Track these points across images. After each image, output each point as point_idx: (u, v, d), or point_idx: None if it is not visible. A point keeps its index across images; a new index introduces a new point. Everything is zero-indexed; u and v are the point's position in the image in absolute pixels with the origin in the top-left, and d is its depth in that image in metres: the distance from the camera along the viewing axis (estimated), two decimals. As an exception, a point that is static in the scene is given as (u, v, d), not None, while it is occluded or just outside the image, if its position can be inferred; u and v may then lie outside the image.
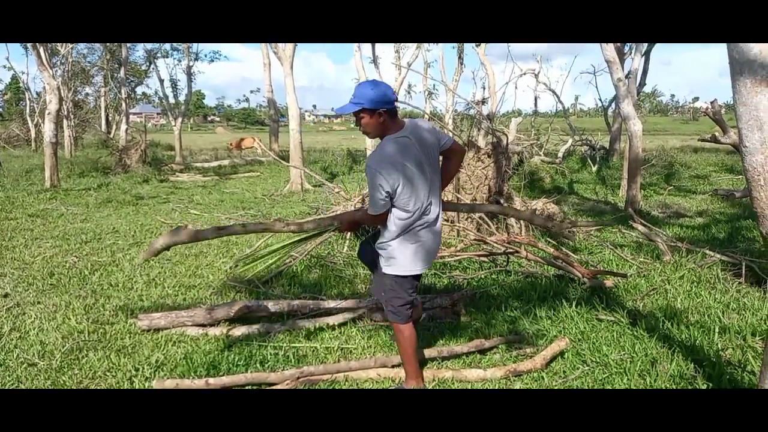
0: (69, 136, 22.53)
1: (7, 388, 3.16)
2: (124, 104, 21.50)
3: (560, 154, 16.10)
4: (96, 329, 4.03)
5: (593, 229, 7.08)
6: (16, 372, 3.34)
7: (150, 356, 3.56)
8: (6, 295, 4.78)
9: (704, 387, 2.91)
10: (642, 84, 16.42)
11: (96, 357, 3.54)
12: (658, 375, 3.16)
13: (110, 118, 29.65)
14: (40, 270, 5.54)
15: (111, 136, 25.95)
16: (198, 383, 2.96)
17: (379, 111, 2.67)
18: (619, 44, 12.88)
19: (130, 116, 28.67)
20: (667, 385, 3.05)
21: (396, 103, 2.77)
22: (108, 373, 3.34)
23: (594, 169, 15.05)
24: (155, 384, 3.04)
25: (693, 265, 5.31)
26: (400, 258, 2.86)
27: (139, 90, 32.89)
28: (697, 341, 3.55)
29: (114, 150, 17.12)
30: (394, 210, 2.78)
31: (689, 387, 2.99)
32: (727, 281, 4.89)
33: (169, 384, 2.95)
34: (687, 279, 4.94)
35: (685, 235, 6.88)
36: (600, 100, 20.40)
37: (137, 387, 3.15)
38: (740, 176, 13.51)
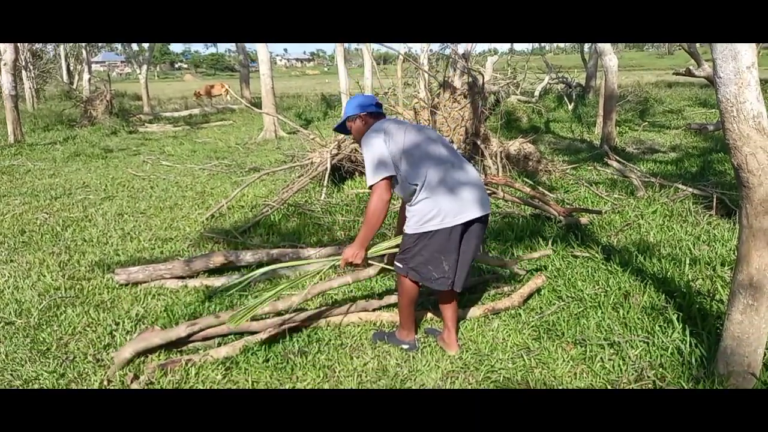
0: (30, 88, 21.59)
1: (-15, 347, 3.12)
2: (85, 53, 20.55)
3: (537, 93, 15.99)
4: (72, 285, 3.98)
5: (569, 168, 7.13)
6: (-6, 331, 3.30)
7: (129, 310, 3.55)
8: (-24, 255, 4.67)
9: (675, 317, 3.01)
10: (618, 18, 16.16)
11: (74, 313, 3.51)
12: (631, 307, 3.26)
13: (72, 68, 28.42)
14: (11, 228, 5.41)
15: (74, 87, 24.96)
16: (177, 331, 2.96)
17: (359, 115, 2.87)
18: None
19: (93, 66, 27.50)
20: (639, 317, 3.15)
21: (379, 109, 2.93)
22: (88, 329, 3.32)
23: (570, 107, 15.02)
24: (138, 334, 3.03)
25: (666, 199, 5.41)
26: (431, 213, 2.64)
27: (100, 37, 31.32)
28: (669, 273, 3.65)
29: (78, 102, 16.49)
30: (404, 175, 2.66)
31: (660, 317, 3.09)
32: (698, 214, 5.00)
33: (149, 333, 2.95)
34: (660, 213, 5.04)
35: (659, 171, 6.98)
36: (576, 36, 20.02)
37: (118, 341, 3.14)
38: (713, 110, 13.63)
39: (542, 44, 18.81)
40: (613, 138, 8.72)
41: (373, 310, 3.36)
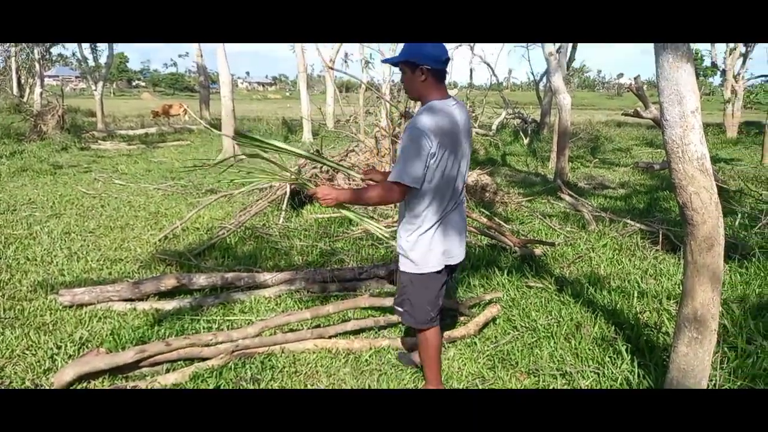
0: (-24, 99, 20.69)
1: None
2: (38, 66, 19.90)
3: (494, 127, 16.43)
4: (12, 306, 3.78)
5: (524, 200, 7.31)
6: None
7: (73, 333, 3.39)
8: None
9: (624, 348, 3.10)
10: (572, 59, 16.91)
11: (13, 335, 3.33)
12: (582, 338, 3.33)
13: (23, 81, 27.45)
14: (-54, 244, 5.12)
15: (24, 100, 24.06)
16: (125, 356, 2.85)
17: (421, 67, 2.39)
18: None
19: (46, 80, 26.65)
20: (590, 347, 3.22)
21: (445, 66, 2.45)
22: (27, 352, 3.15)
23: (525, 141, 15.47)
24: (81, 356, 2.89)
25: (615, 233, 5.60)
26: (428, 249, 2.49)
27: (55, 51, 30.48)
28: (618, 305, 3.76)
29: (28, 115, 15.88)
30: (426, 191, 2.41)
31: (610, 348, 3.17)
32: (645, 249, 5.19)
33: (94, 356, 2.82)
34: (609, 247, 5.21)
35: (609, 206, 7.23)
36: (532, 73, 20.89)
37: (59, 365, 2.99)
38: (659, 150, 14.32)
39: (499, 80, 19.46)
40: (566, 173, 9.01)
41: (329, 337, 3.32)
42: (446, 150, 2.38)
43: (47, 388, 2.80)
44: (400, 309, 2.67)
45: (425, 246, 2.49)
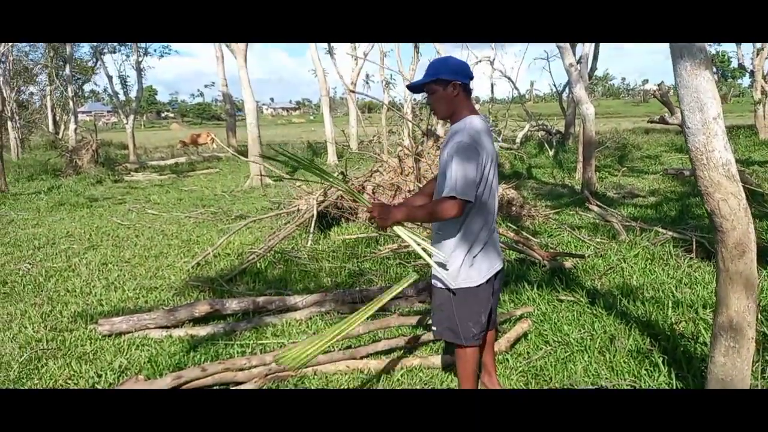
0: (15, 137, 21.63)
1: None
2: (71, 103, 20.72)
3: (518, 140, 16.39)
4: (54, 337, 3.91)
5: (552, 213, 7.26)
6: (-29, 386, 3.22)
7: (113, 361, 3.48)
8: (-45, 307, 4.59)
9: (660, 360, 3.04)
10: (593, 68, 16.82)
11: (56, 365, 3.45)
12: (617, 351, 3.28)
13: (57, 118, 28.60)
14: (-9, 279, 5.34)
15: (59, 136, 25.05)
16: (163, 383, 2.92)
17: (454, 82, 2.39)
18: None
19: (79, 115, 27.67)
20: (626, 361, 3.17)
21: (470, 81, 2.46)
22: (69, 381, 3.26)
23: (551, 153, 15.37)
24: (120, 384, 2.97)
25: (647, 243, 5.51)
26: (472, 265, 2.46)
27: (87, 88, 31.72)
28: (653, 316, 3.69)
29: (64, 151, 16.53)
30: (477, 207, 2.40)
31: (646, 361, 3.12)
32: (679, 257, 5.09)
33: (133, 383, 2.90)
34: (641, 257, 5.13)
35: (639, 215, 7.12)
36: (554, 85, 20.81)
37: (101, 394, 3.08)
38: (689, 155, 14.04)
39: (521, 93, 19.48)
40: (593, 183, 8.92)
41: (361, 357, 3.34)
42: (490, 164, 2.39)
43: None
44: (436, 328, 2.61)
45: (468, 262, 2.46)
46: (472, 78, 2.47)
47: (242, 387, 3.05)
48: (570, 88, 10.43)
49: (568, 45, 8.85)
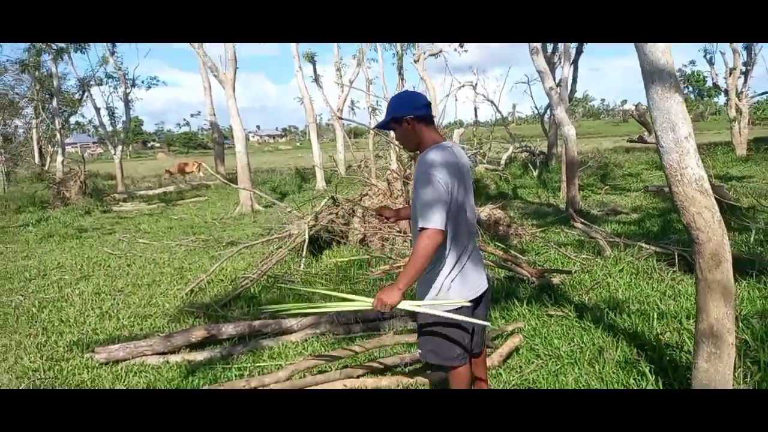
0: (1, 171, 21.52)
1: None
2: (59, 135, 20.73)
3: (502, 161, 16.67)
4: (51, 366, 3.93)
5: (538, 231, 7.41)
6: (-30, 417, 3.23)
7: (111, 389, 3.52)
8: (-51, 341, 4.58)
9: (647, 369, 3.15)
10: (573, 90, 17.26)
11: (55, 394, 3.47)
12: (606, 362, 3.39)
13: (43, 150, 28.50)
14: (-16, 312, 5.33)
15: (46, 168, 24.94)
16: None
17: (405, 118, 2.47)
18: (548, 54, 13.55)
19: (65, 147, 27.62)
20: (614, 371, 3.27)
21: (428, 111, 2.53)
22: (69, 410, 3.28)
23: (535, 173, 15.65)
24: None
25: (631, 258, 5.66)
26: (448, 288, 2.50)
27: (73, 120, 31.71)
28: (639, 328, 3.81)
29: (51, 183, 16.49)
30: (447, 230, 2.41)
31: (634, 370, 3.22)
32: (662, 270, 5.24)
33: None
34: (626, 271, 5.27)
35: (623, 231, 7.30)
36: (536, 107, 21.27)
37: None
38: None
39: (504, 116, 19.94)
40: (577, 201, 9.12)
41: (358, 376, 3.41)
42: (459, 187, 2.43)
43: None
44: (421, 350, 2.68)
45: (447, 285, 2.50)
46: (426, 107, 2.51)
47: (242, 409, 3.10)
48: (551, 111, 10.70)
49: (548, 69, 9.13)
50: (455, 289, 2.52)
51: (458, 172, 2.45)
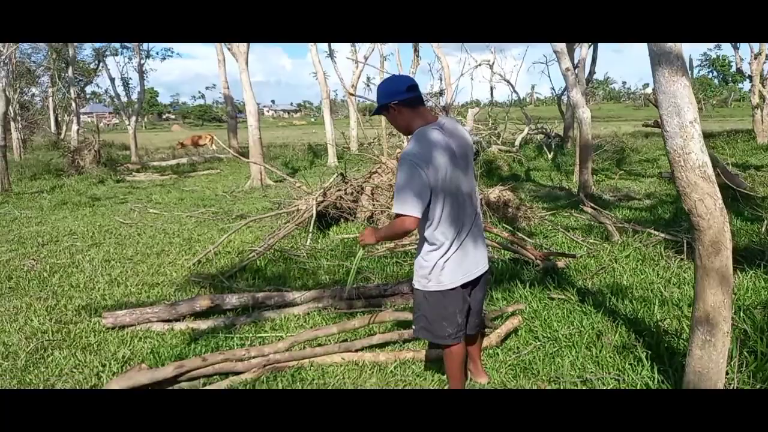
0: (17, 138, 21.77)
1: (-29, 391, 3.15)
2: (74, 104, 20.87)
3: (517, 143, 16.51)
4: (60, 329, 4.03)
5: (547, 214, 7.38)
6: (-20, 374, 3.34)
7: (116, 352, 3.61)
8: (-37, 301, 4.71)
9: (644, 355, 3.16)
10: (592, 72, 16.96)
11: (62, 355, 3.57)
12: (603, 346, 3.40)
13: (59, 119, 28.73)
14: (-3, 274, 5.46)
15: (61, 137, 25.17)
16: (165, 371, 3.04)
17: (390, 105, 2.52)
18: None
19: (81, 116, 27.82)
20: (611, 355, 3.29)
21: (412, 94, 2.53)
22: (75, 370, 3.38)
23: (549, 156, 15.49)
24: (125, 372, 3.08)
25: (639, 244, 5.62)
26: (441, 269, 2.55)
27: (89, 89, 31.86)
28: (639, 314, 3.81)
29: (66, 151, 16.68)
30: (432, 214, 2.48)
31: (631, 355, 3.23)
32: (669, 258, 5.20)
33: (136, 372, 3.02)
34: (633, 257, 5.24)
35: (634, 217, 7.23)
36: (553, 89, 20.96)
37: (104, 381, 3.20)
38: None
39: (520, 97, 19.69)
40: (589, 186, 9.03)
41: (356, 350, 3.45)
42: (443, 172, 2.44)
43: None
44: (414, 326, 2.75)
45: (440, 266, 2.55)
46: (410, 89, 2.52)
47: (241, 377, 3.17)
48: (567, 93, 10.56)
49: (564, 50, 8.98)
50: (448, 271, 2.56)
51: (445, 153, 2.47)
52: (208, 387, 3.10)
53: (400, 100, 2.51)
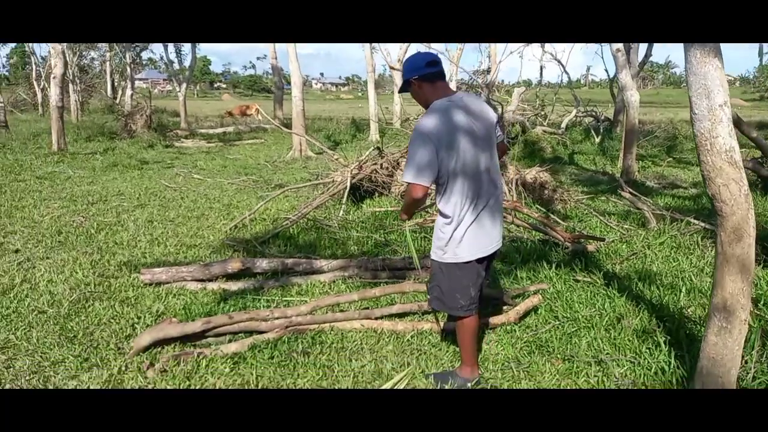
0: (75, 100, 22.70)
1: (19, 332, 3.42)
2: (128, 69, 21.54)
3: (563, 125, 16.12)
4: (101, 282, 4.29)
5: (585, 198, 7.25)
6: (27, 318, 3.61)
7: (151, 306, 3.82)
8: (17, 251, 5.04)
9: (662, 340, 3.13)
10: (648, 55, 16.29)
11: (101, 306, 3.81)
12: (623, 329, 3.38)
13: (116, 84, 29.74)
14: (49, 228, 5.80)
15: (117, 101, 26.06)
16: (194, 326, 3.22)
17: (412, 80, 2.64)
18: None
19: (136, 82, 28.70)
20: (630, 339, 3.27)
21: (432, 69, 2.62)
22: (112, 321, 3.61)
23: (597, 140, 15.09)
24: (156, 324, 3.27)
25: (675, 232, 5.49)
26: (458, 242, 2.61)
27: (145, 56, 32.76)
28: (664, 300, 3.76)
29: (120, 115, 17.31)
30: (446, 187, 2.57)
31: (649, 339, 3.21)
32: (705, 247, 5.07)
33: (167, 324, 3.20)
34: (667, 245, 5.13)
35: (676, 205, 7.03)
36: (606, 71, 20.26)
37: (138, 332, 3.40)
38: (742, 149, 13.54)
39: (570, 78, 19.16)
40: (633, 171, 8.81)
41: (375, 318, 3.55)
42: (456, 145, 2.49)
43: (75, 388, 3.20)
44: (429, 296, 2.85)
45: (456, 239, 2.61)
46: (430, 65, 2.61)
47: (264, 336, 3.32)
48: (616, 74, 10.21)
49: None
50: (466, 245, 2.62)
51: (459, 128, 2.52)
52: (232, 343, 3.26)
53: (420, 75, 2.61)
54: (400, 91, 2.92)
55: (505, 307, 3.77)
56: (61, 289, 4.09)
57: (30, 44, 27.01)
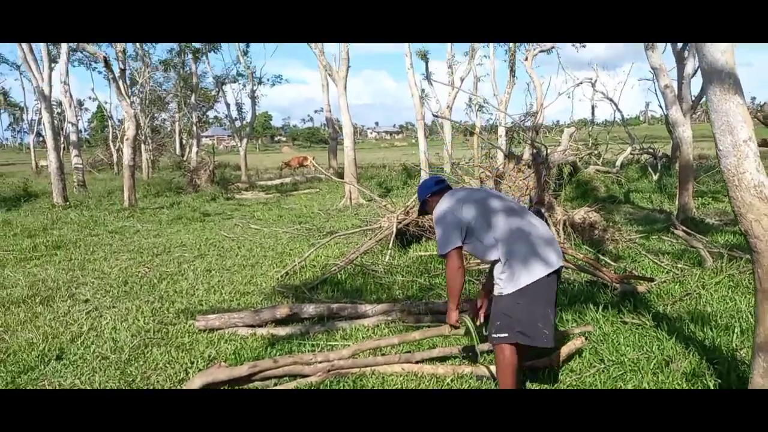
0: (147, 159, 24.27)
1: (83, 377, 3.68)
2: (195, 128, 22.94)
3: (618, 163, 15.79)
4: (160, 329, 4.55)
5: (637, 237, 7.07)
6: (92, 364, 3.87)
7: (204, 351, 4.02)
8: (86, 301, 5.43)
9: (712, 383, 3.01)
10: (704, 89, 15.86)
11: (159, 352, 4.04)
12: (671, 372, 3.27)
13: (184, 142, 31.62)
14: (117, 279, 6.22)
15: (184, 158, 27.66)
16: (241, 370, 3.37)
17: (427, 198, 3.27)
18: (678, 49, 12.62)
19: (203, 139, 30.48)
20: (679, 383, 3.16)
21: (440, 185, 3.25)
22: (168, 365, 3.82)
23: (655, 177, 14.66)
24: (206, 369, 3.45)
25: (733, 271, 5.26)
26: (521, 267, 2.81)
27: (211, 114, 34.89)
28: (717, 341, 3.61)
29: (186, 171, 18.37)
30: (479, 238, 2.91)
31: (699, 383, 3.09)
32: None
33: (216, 368, 3.37)
34: (724, 284, 4.93)
35: (737, 243, 6.72)
36: (661, 107, 19.84)
37: (191, 376, 3.59)
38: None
39: (623, 115, 18.82)
40: (690, 208, 8.50)
41: (416, 362, 3.60)
42: (471, 202, 2.99)
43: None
44: (506, 334, 2.80)
45: (510, 273, 2.82)
46: (437, 183, 3.27)
47: (308, 379, 3.42)
48: (666, 111, 10.02)
49: (663, 66, 8.59)
50: (519, 273, 2.80)
51: (472, 192, 3.26)
52: (277, 387, 3.38)
53: (432, 192, 3.25)
54: (419, 214, 3.76)
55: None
56: (123, 336, 4.38)
57: (107, 109, 29.43)
